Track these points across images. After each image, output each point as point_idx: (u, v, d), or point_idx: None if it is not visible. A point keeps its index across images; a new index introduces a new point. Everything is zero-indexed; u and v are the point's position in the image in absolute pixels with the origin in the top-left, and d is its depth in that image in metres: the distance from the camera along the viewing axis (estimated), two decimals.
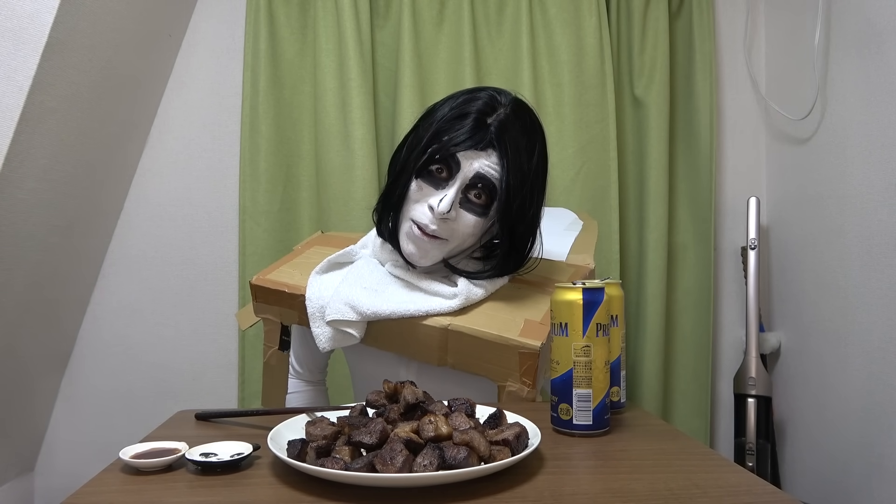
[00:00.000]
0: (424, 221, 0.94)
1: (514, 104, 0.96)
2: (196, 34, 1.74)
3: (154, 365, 1.73)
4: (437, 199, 0.93)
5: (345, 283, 1.00)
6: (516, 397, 0.97)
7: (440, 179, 0.94)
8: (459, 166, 0.93)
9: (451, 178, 0.93)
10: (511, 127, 0.94)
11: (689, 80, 1.75)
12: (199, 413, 0.98)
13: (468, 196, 0.94)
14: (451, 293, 0.97)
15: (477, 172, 0.93)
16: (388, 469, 0.64)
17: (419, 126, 1.00)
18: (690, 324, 1.76)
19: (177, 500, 0.67)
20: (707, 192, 1.72)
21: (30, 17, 1.16)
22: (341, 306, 0.97)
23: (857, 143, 1.46)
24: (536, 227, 1.02)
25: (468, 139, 0.92)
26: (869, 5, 1.42)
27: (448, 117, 0.95)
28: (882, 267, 1.38)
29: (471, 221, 0.95)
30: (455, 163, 0.93)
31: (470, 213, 0.95)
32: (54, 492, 1.71)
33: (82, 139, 1.42)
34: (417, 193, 0.95)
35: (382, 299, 0.97)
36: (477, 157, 0.92)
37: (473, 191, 0.94)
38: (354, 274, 1.02)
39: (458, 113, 0.94)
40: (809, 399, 1.62)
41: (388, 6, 1.69)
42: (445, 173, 0.94)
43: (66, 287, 1.61)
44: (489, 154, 0.93)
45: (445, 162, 0.93)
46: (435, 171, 0.94)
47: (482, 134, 0.92)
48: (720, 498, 0.66)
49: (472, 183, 0.93)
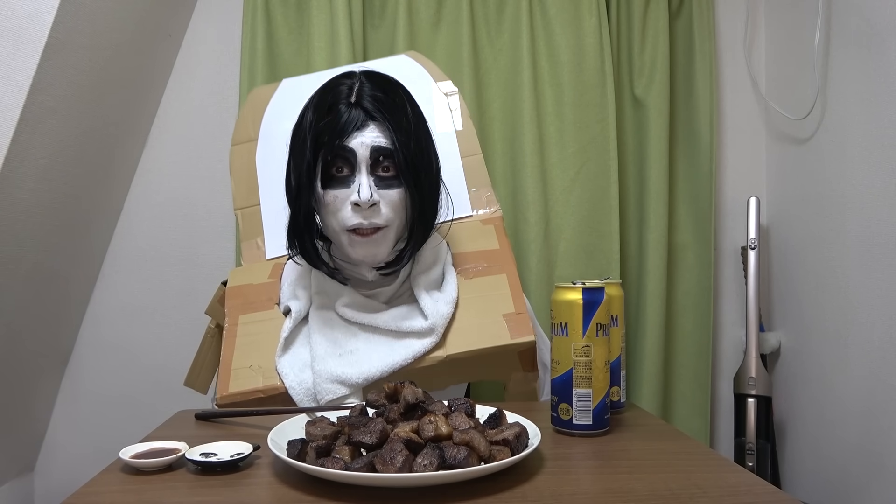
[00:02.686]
0: (357, 221, 0.94)
1: (363, 76, 0.99)
2: (196, 34, 1.74)
3: (154, 365, 1.73)
4: (355, 193, 0.92)
5: (317, 360, 0.96)
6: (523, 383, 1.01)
7: (345, 177, 0.94)
8: (355, 152, 0.93)
9: (354, 168, 0.94)
10: (375, 94, 0.95)
11: (689, 80, 1.75)
12: (199, 413, 0.98)
13: (377, 174, 0.95)
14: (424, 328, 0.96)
15: (371, 147, 0.93)
16: (388, 469, 0.64)
17: (294, 148, 0.99)
18: (690, 324, 1.76)
19: (177, 500, 0.67)
20: (707, 192, 1.72)
21: (30, 18, 1.16)
22: (329, 386, 0.94)
23: (857, 143, 1.46)
24: (438, 174, 1.02)
25: (346, 124, 0.93)
26: (869, 5, 1.42)
27: (316, 121, 0.95)
28: (882, 267, 1.38)
29: (395, 197, 0.95)
30: (349, 152, 0.93)
31: (389, 188, 0.95)
32: (54, 492, 1.71)
33: (82, 139, 1.42)
34: (334, 202, 0.94)
35: (365, 361, 0.95)
36: (363, 136, 0.93)
37: (379, 167, 0.95)
38: (318, 343, 0.98)
39: (322, 111, 0.95)
40: (809, 399, 1.62)
41: (384, 6, 1.69)
42: (346, 169, 0.94)
43: (66, 287, 1.61)
44: (371, 128, 0.94)
45: (341, 156, 0.94)
46: (336, 172, 0.95)
47: (354, 114, 0.93)
48: (720, 498, 0.66)
49: (373, 160, 0.94)
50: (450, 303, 0.99)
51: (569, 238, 1.68)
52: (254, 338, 1.01)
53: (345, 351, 0.97)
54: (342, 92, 0.96)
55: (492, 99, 1.70)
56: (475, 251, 1.09)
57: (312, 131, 0.95)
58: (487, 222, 1.15)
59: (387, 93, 0.97)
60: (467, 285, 1.03)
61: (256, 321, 1.03)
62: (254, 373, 0.97)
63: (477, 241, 1.11)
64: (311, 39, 1.64)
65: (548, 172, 1.68)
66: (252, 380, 0.96)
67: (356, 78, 0.98)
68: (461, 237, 1.12)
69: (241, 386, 0.96)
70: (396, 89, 1.00)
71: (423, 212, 0.99)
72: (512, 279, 1.03)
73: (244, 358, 0.98)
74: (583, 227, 1.69)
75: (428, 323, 0.96)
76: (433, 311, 0.97)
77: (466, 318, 0.99)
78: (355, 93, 0.96)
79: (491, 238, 1.11)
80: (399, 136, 0.94)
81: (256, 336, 1.01)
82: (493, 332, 0.96)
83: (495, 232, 1.12)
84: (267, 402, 0.97)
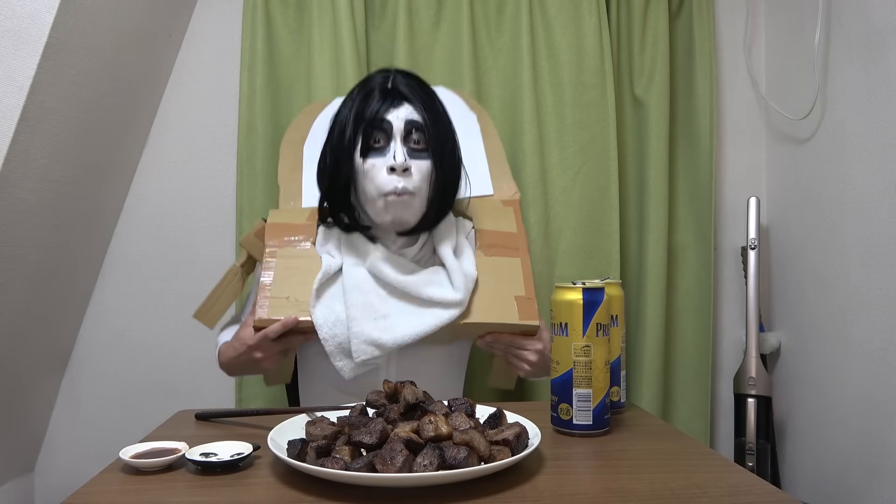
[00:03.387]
0: (393, 185, 1.05)
1: (398, 71, 1.14)
2: (196, 34, 1.74)
3: (154, 365, 1.73)
4: (391, 158, 1.05)
5: (354, 322, 1.04)
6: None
7: (381, 147, 1.07)
8: (391, 124, 1.07)
9: (390, 138, 1.07)
10: (408, 82, 1.11)
11: (689, 80, 1.75)
12: (199, 413, 0.98)
13: (409, 146, 1.08)
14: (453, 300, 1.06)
15: (406, 120, 1.07)
16: (388, 469, 0.64)
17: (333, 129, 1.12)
18: (690, 324, 1.76)
19: (177, 500, 0.67)
20: (707, 192, 1.72)
21: (30, 18, 1.16)
22: (365, 347, 1.03)
23: (857, 143, 1.46)
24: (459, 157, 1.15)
25: (384, 102, 1.07)
26: (869, 5, 1.42)
27: (357, 106, 1.09)
28: (882, 267, 1.38)
29: (424, 167, 1.08)
30: (386, 124, 1.07)
31: (419, 159, 1.08)
32: (54, 492, 1.71)
33: (82, 139, 1.42)
34: (372, 169, 1.06)
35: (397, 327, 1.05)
36: (398, 111, 1.08)
37: (412, 138, 1.08)
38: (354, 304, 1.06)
39: (362, 97, 1.09)
40: (809, 399, 1.62)
41: (384, 6, 1.69)
42: (383, 140, 1.07)
43: (66, 287, 1.61)
44: (405, 105, 1.08)
45: (379, 128, 1.07)
46: (373, 143, 1.07)
47: (392, 95, 1.09)
48: (720, 498, 0.66)
49: (406, 131, 1.07)
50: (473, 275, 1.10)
51: (569, 238, 1.68)
52: (292, 271, 1.10)
53: (378, 315, 1.05)
54: (382, 80, 1.11)
55: (492, 99, 1.70)
56: (495, 230, 1.20)
57: (353, 110, 1.08)
58: (508, 204, 1.26)
59: (418, 83, 1.13)
60: (486, 262, 1.14)
61: (294, 256, 1.12)
62: (290, 304, 1.06)
63: (498, 221, 1.22)
64: (312, 40, 1.64)
65: (548, 172, 1.68)
66: (287, 310, 1.05)
67: (391, 72, 1.13)
68: (484, 213, 1.23)
69: (276, 314, 1.04)
70: (425, 84, 1.14)
71: (445, 185, 1.11)
72: (525, 264, 1.16)
73: (281, 288, 1.07)
74: (583, 227, 1.69)
75: (458, 297, 1.06)
76: (461, 284, 1.07)
77: (484, 292, 1.10)
78: (391, 81, 1.11)
79: (510, 220, 1.23)
80: (429, 115, 1.08)
81: (294, 270, 1.10)
82: (505, 310, 1.09)
83: (514, 215, 1.24)
84: (296, 333, 1.06)
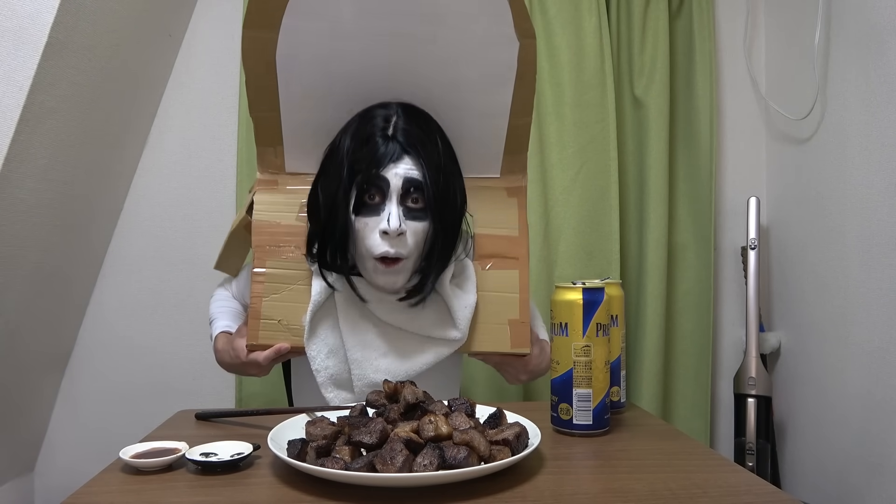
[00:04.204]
0: (384, 250, 0.97)
1: (401, 108, 1.02)
2: (196, 34, 1.74)
3: (154, 365, 1.73)
4: (384, 222, 0.96)
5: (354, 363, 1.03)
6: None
7: (375, 206, 0.98)
8: (388, 182, 0.97)
9: (385, 197, 0.98)
10: (410, 129, 1.00)
11: (689, 80, 1.75)
12: (199, 413, 0.98)
13: (406, 205, 0.99)
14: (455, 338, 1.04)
15: (404, 178, 0.98)
16: (388, 469, 0.64)
17: (328, 170, 1.03)
18: (690, 324, 1.76)
19: (177, 500, 0.67)
20: (707, 192, 1.72)
21: (30, 17, 1.16)
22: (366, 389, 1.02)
23: (857, 143, 1.46)
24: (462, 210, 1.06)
25: (382, 156, 0.98)
26: (869, 5, 1.42)
27: (354, 148, 1.00)
28: (882, 267, 1.38)
29: (419, 228, 0.99)
30: (383, 182, 0.97)
31: (415, 220, 0.99)
32: (54, 492, 1.71)
33: (82, 139, 1.42)
34: (364, 229, 0.99)
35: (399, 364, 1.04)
36: (397, 168, 0.98)
37: (409, 198, 0.99)
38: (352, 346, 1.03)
39: (361, 140, 1.00)
40: (809, 399, 1.62)
41: None
42: (378, 197, 0.98)
43: (67, 287, 1.61)
44: (405, 161, 0.98)
45: (375, 185, 0.98)
46: (368, 200, 0.99)
47: (392, 146, 0.98)
48: (720, 498, 0.66)
49: (404, 191, 0.98)
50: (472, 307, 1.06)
51: (569, 238, 1.68)
52: (280, 288, 1.07)
53: (379, 354, 1.04)
54: (378, 124, 1.01)
55: None
56: (495, 235, 1.12)
57: (349, 158, 0.99)
58: (512, 193, 1.15)
59: (421, 128, 1.02)
60: (483, 276, 1.10)
61: (282, 269, 1.07)
62: (282, 328, 1.04)
63: (498, 218, 1.12)
64: None
65: (548, 172, 1.68)
66: (280, 335, 1.04)
67: (393, 110, 1.02)
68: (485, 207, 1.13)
69: (269, 339, 1.04)
70: (430, 124, 1.04)
71: (444, 245, 1.03)
72: (523, 275, 1.10)
73: (272, 310, 1.05)
74: (583, 227, 1.69)
75: (459, 335, 1.04)
76: (464, 321, 1.04)
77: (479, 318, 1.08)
78: (392, 125, 1.00)
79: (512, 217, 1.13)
80: (430, 172, 0.99)
81: (283, 288, 1.07)
82: (497, 339, 1.07)
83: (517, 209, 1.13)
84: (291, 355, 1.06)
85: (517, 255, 1.11)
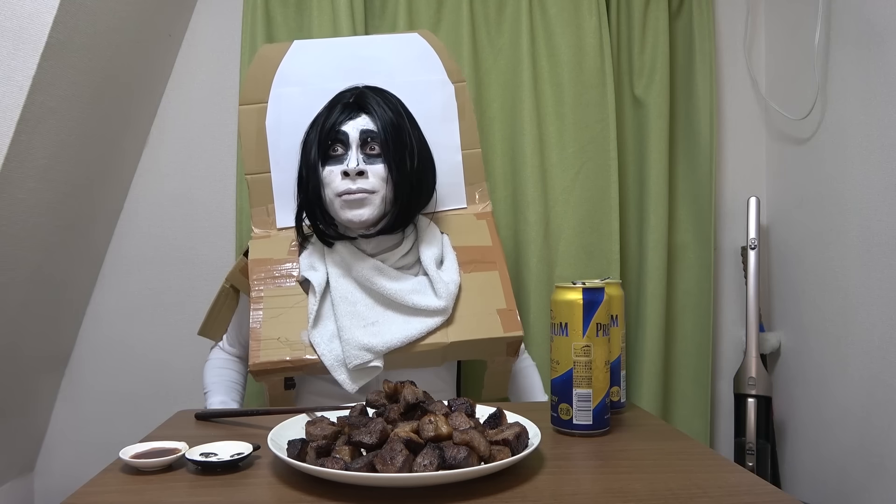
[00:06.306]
0: (346, 187, 1.12)
1: (363, 87, 1.20)
2: (196, 34, 1.74)
3: (154, 365, 1.73)
4: (345, 164, 1.13)
5: (345, 331, 1.10)
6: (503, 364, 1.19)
7: (339, 156, 1.15)
8: (347, 135, 1.15)
9: (347, 147, 1.15)
10: (368, 95, 1.18)
11: (689, 80, 1.75)
12: (199, 413, 0.98)
13: (366, 152, 1.15)
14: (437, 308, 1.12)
15: (361, 130, 1.15)
16: (388, 469, 0.64)
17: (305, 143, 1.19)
18: (690, 324, 1.76)
19: (177, 500, 0.67)
20: (707, 192, 1.72)
21: (30, 17, 1.16)
22: (358, 352, 1.08)
23: (857, 143, 1.46)
24: (420, 159, 1.18)
25: (342, 114, 1.16)
26: (869, 5, 1.42)
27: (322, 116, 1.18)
28: (882, 267, 1.38)
29: (378, 170, 1.14)
30: (343, 135, 1.15)
31: (374, 163, 1.14)
32: (54, 492, 1.71)
33: (82, 139, 1.42)
34: (329, 175, 1.14)
35: (386, 332, 1.10)
36: (355, 123, 1.15)
37: (367, 147, 1.15)
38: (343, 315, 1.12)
39: (327, 109, 1.18)
40: (809, 399, 1.62)
41: (384, 6, 1.69)
42: (341, 149, 1.15)
43: (66, 287, 1.61)
44: (362, 117, 1.16)
45: (336, 139, 1.15)
46: (331, 152, 1.15)
47: (350, 107, 1.17)
48: (720, 498, 0.66)
49: (362, 141, 1.14)
50: (455, 283, 1.15)
51: (569, 238, 1.68)
52: (279, 311, 1.14)
53: (368, 322, 1.11)
54: (345, 94, 1.19)
55: (492, 99, 1.70)
56: (471, 246, 1.23)
57: (318, 125, 1.16)
58: (480, 217, 1.29)
59: (379, 95, 1.18)
60: (466, 279, 1.18)
61: (280, 295, 1.16)
62: (281, 345, 1.10)
63: (471, 235, 1.25)
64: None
65: (548, 172, 1.68)
66: (280, 351, 1.09)
67: (358, 88, 1.20)
68: (458, 229, 1.26)
69: (270, 356, 1.08)
70: (388, 95, 1.20)
71: (405, 186, 1.15)
72: (503, 275, 1.20)
73: (272, 330, 1.11)
74: (583, 227, 1.69)
75: (441, 304, 1.12)
76: (445, 291, 1.13)
77: (467, 309, 1.15)
78: (352, 93, 1.19)
79: (484, 233, 1.26)
80: (384, 124, 1.15)
81: (281, 311, 1.14)
82: (488, 325, 1.13)
83: (487, 228, 1.27)
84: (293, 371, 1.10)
85: (494, 261, 1.21)
